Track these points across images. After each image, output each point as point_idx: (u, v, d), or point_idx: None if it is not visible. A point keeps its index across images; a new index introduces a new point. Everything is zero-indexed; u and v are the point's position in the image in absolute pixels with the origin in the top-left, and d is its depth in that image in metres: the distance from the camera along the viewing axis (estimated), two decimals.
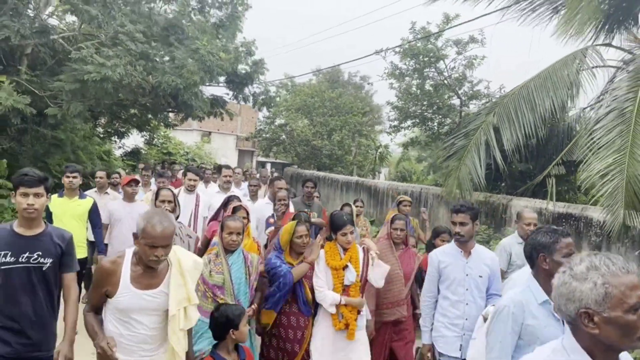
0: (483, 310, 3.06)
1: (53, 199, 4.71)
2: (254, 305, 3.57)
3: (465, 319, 3.35)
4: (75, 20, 10.28)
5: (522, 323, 2.17)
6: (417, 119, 13.78)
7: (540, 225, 2.53)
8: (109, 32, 8.61)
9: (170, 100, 10.16)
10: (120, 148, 17.06)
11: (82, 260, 4.59)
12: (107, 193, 6.33)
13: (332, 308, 3.58)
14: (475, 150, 7.97)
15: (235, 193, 6.27)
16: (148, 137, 17.69)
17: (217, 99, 12.45)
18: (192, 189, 5.68)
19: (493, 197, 8.49)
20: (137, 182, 5.53)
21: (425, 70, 13.05)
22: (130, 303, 2.38)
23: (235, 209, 4.22)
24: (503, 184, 9.68)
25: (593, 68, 8.04)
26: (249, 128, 30.69)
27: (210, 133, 33.09)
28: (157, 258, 2.34)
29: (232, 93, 12.36)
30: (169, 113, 13.21)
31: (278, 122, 21.47)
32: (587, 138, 6.58)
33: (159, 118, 13.40)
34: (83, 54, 7.77)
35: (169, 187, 5.40)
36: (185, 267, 2.53)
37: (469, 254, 3.44)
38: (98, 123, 14.01)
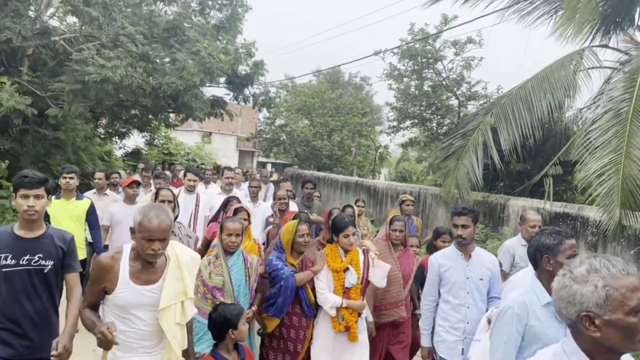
0: (486, 313, 3.03)
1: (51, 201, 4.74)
2: (254, 307, 3.55)
3: (467, 323, 3.32)
4: (76, 22, 10.36)
5: (525, 324, 2.15)
6: (415, 120, 13.83)
7: (544, 227, 2.54)
8: (110, 33, 8.67)
9: (171, 102, 10.21)
10: (121, 149, 17.07)
11: (81, 262, 4.57)
12: (106, 194, 6.25)
13: (332, 311, 3.57)
14: (473, 151, 8.01)
15: (236, 194, 6.28)
16: (149, 137, 17.71)
17: (217, 100, 12.51)
18: (192, 189, 5.71)
19: (491, 197, 8.54)
20: (138, 183, 5.51)
21: (424, 71, 13.07)
22: (130, 299, 2.36)
23: (237, 211, 4.19)
24: (501, 184, 9.72)
25: (589, 69, 8.09)
26: (250, 128, 30.69)
27: (211, 133, 33.15)
28: (154, 252, 2.32)
29: (232, 94, 12.42)
30: (170, 114, 13.23)
31: (278, 122, 21.51)
32: (583, 138, 6.61)
33: (160, 119, 13.41)
34: (84, 55, 7.82)
35: (169, 187, 5.44)
36: (183, 261, 2.51)
37: (470, 257, 3.40)
38: (99, 124, 14.04)
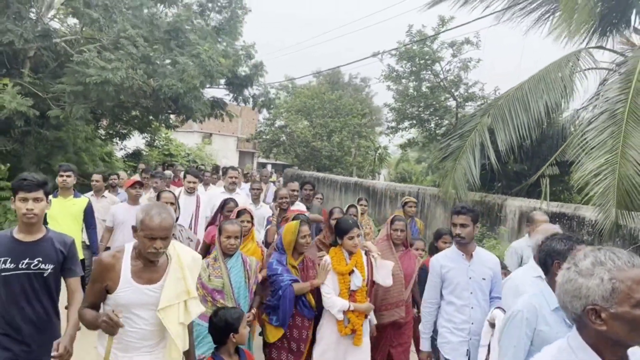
0: (488, 315, 3.04)
1: None
2: (254, 310, 3.54)
3: (472, 323, 3.30)
4: (77, 23, 10.43)
5: (534, 328, 2.14)
6: (414, 120, 13.90)
7: (555, 232, 2.58)
8: (110, 35, 8.74)
9: (171, 104, 10.27)
10: (122, 150, 17.14)
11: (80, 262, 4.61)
12: (104, 196, 6.22)
13: (340, 314, 3.55)
14: (471, 151, 8.08)
15: (238, 193, 6.32)
16: (149, 138, 17.75)
17: (217, 101, 12.58)
18: (191, 191, 5.75)
19: (488, 196, 8.61)
20: (140, 184, 5.54)
21: (422, 73, 13.14)
22: (132, 298, 2.35)
23: (240, 213, 4.15)
24: (499, 184, 9.78)
25: (586, 70, 8.15)
26: (250, 129, 30.74)
27: (211, 134, 33.22)
28: (156, 250, 2.31)
29: (232, 95, 12.48)
30: (170, 115, 13.29)
31: (278, 123, 21.59)
32: (579, 139, 6.68)
33: (160, 120, 13.45)
34: (85, 57, 7.89)
35: (169, 189, 5.47)
36: (185, 261, 2.50)
37: (471, 257, 3.38)
38: (100, 125, 14.10)
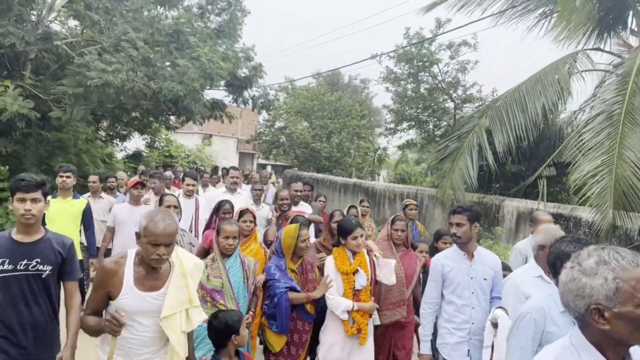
0: (489, 315, 3.05)
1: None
2: (251, 312, 3.54)
3: (472, 323, 3.30)
4: (77, 25, 10.50)
5: (543, 330, 2.14)
6: (412, 122, 13.97)
7: (564, 235, 2.57)
8: (111, 37, 8.80)
9: (171, 106, 10.32)
10: (122, 151, 17.19)
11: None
12: (101, 197, 6.21)
13: (344, 315, 3.55)
14: (468, 153, 8.13)
15: (239, 194, 6.37)
16: (149, 140, 17.81)
17: (217, 102, 12.63)
18: (190, 194, 5.75)
19: (486, 197, 8.66)
20: (142, 184, 5.55)
21: (420, 74, 13.22)
22: (134, 305, 2.32)
23: (242, 213, 4.12)
24: (497, 185, 9.84)
25: (583, 72, 8.22)
26: (250, 131, 30.78)
27: (211, 136, 33.29)
28: (159, 257, 2.29)
29: (231, 96, 12.52)
30: (170, 116, 13.35)
31: (278, 125, 21.66)
32: (576, 140, 6.74)
33: (160, 121, 13.50)
34: (86, 60, 7.94)
35: (169, 191, 5.49)
36: (187, 268, 2.48)
37: (472, 257, 3.37)
38: (100, 126, 14.16)
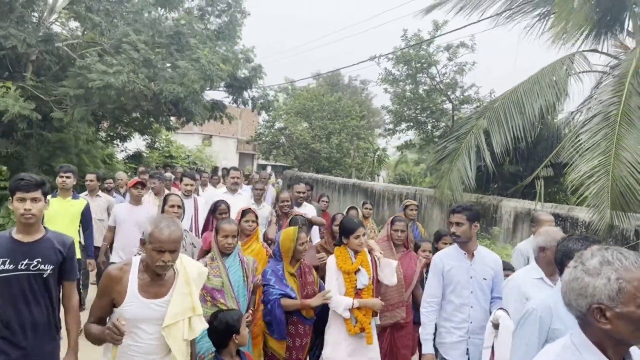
0: (491, 316, 3.05)
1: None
2: (251, 310, 3.54)
3: (471, 322, 3.31)
4: (78, 26, 10.56)
5: (549, 327, 2.17)
6: (411, 123, 14.06)
7: (571, 233, 2.65)
8: (112, 39, 8.87)
9: (171, 107, 10.38)
10: (123, 151, 17.26)
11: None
12: (98, 196, 6.26)
13: (346, 313, 3.55)
14: (466, 153, 8.18)
15: (240, 194, 6.41)
16: (150, 140, 17.88)
17: (216, 103, 12.69)
18: (188, 194, 5.81)
19: (484, 198, 8.71)
20: (142, 184, 5.59)
21: (418, 76, 13.29)
22: (138, 312, 2.31)
23: (244, 213, 4.14)
24: (495, 186, 9.90)
25: (580, 73, 8.27)
26: (250, 131, 30.84)
27: (211, 136, 33.39)
28: (164, 263, 2.28)
29: (231, 97, 12.59)
30: (170, 117, 13.41)
31: (277, 125, 21.72)
32: (573, 141, 6.78)
33: (161, 122, 13.57)
34: (87, 62, 8.00)
35: (174, 192, 5.54)
36: (192, 275, 2.48)
37: (472, 256, 3.38)
38: (100, 127, 14.23)
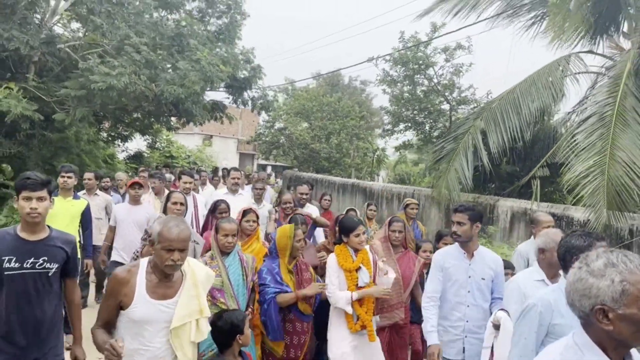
0: (491, 317, 3.05)
1: None
2: (250, 308, 3.55)
3: (466, 321, 3.32)
4: (80, 27, 10.65)
5: (549, 322, 2.19)
6: (409, 123, 14.16)
7: (575, 229, 2.63)
8: (113, 40, 8.96)
9: (172, 108, 10.48)
10: (124, 152, 17.38)
11: None
12: (96, 194, 6.29)
13: (348, 307, 3.55)
14: (464, 154, 8.25)
15: (241, 194, 6.42)
16: (150, 140, 17.99)
17: (217, 103, 12.79)
18: (187, 192, 5.87)
19: (481, 197, 8.80)
20: (139, 185, 5.63)
21: (416, 77, 13.39)
22: (146, 314, 2.30)
23: (245, 212, 4.15)
24: (492, 186, 9.98)
25: (576, 74, 8.36)
26: (250, 131, 30.93)
27: (212, 136, 33.52)
28: (173, 262, 2.28)
29: (231, 97, 12.68)
30: (171, 117, 13.51)
31: (277, 125, 21.82)
32: (569, 141, 6.85)
33: (161, 122, 13.67)
34: (89, 64, 8.10)
35: (176, 190, 5.61)
36: (199, 278, 2.47)
37: (472, 256, 3.38)
38: (102, 127, 14.33)
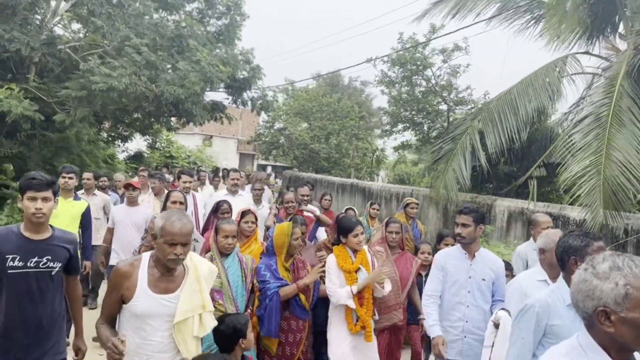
0: (492, 316, 3.06)
1: None
2: (249, 310, 3.56)
3: (466, 321, 3.33)
4: (80, 28, 10.72)
5: (546, 323, 2.20)
6: (407, 124, 14.24)
7: (572, 229, 2.64)
8: (114, 41, 9.03)
9: (172, 108, 10.53)
10: (124, 152, 17.43)
11: None
12: (94, 194, 6.33)
13: (350, 301, 3.55)
14: (462, 154, 8.31)
15: (241, 195, 6.49)
16: (151, 141, 18.04)
17: (216, 104, 12.84)
18: (187, 191, 5.90)
19: (479, 197, 8.85)
20: (132, 187, 5.59)
21: (414, 78, 13.46)
22: (147, 308, 2.30)
23: (244, 214, 4.16)
24: (490, 185, 10.04)
25: (573, 75, 8.42)
26: (250, 132, 30.97)
27: (212, 137, 33.58)
28: (176, 256, 2.27)
29: (231, 98, 12.74)
30: (171, 118, 13.57)
31: (277, 126, 21.88)
32: (566, 141, 6.91)
33: (161, 122, 13.71)
34: (90, 65, 8.16)
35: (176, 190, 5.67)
36: (202, 272, 2.47)
37: (474, 257, 3.41)
38: (102, 127, 14.38)
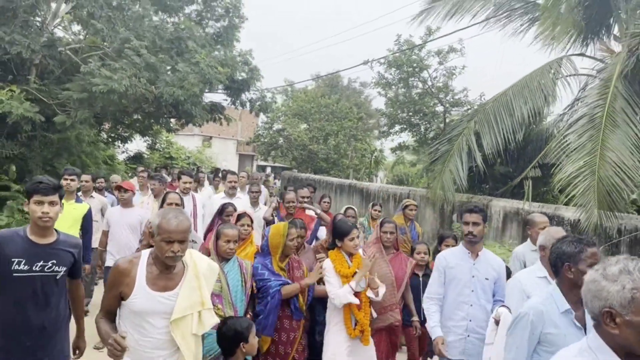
0: (493, 313, 3.07)
1: None
2: (249, 315, 3.55)
3: (470, 321, 3.33)
4: (81, 30, 10.80)
5: (541, 332, 2.20)
6: (404, 125, 14.34)
7: (566, 234, 2.61)
8: (114, 43, 9.11)
9: (171, 109, 10.61)
10: (124, 153, 17.50)
11: None
12: (92, 197, 6.32)
13: (352, 297, 3.54)
14: (458, 155, 8.41)
15: (241, 198, 6.60)
16: (150, 141, 18.11)
17: (216, 105, 12.92)
18: (186, 192, 5.99)
19: (474, 197, 8.94)
20: (124, 189, 5.57)
21: (410, 79, 13.58)
22: (146, 305, 2.29)
23: (240, 217, 4.18)
24: (486, 186, 10.13)
25: (567, 77, 8.52)
26: (249, 133, 31.01)
27: (211, 138, 33.62)
28: (173, 254, 2.27)
29: (230, 99, 12.81)
30: (171, 119, 13.64)
31: (276, 127, 21.96)
32: (560, 142, 7.01)
33: (161, 123, 13.78)
34: (91, 68, 8.24)
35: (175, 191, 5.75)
36: (201, 269, 2.47)
37: (477, 256, 3.42)
38: (102, 128, 14.46)
